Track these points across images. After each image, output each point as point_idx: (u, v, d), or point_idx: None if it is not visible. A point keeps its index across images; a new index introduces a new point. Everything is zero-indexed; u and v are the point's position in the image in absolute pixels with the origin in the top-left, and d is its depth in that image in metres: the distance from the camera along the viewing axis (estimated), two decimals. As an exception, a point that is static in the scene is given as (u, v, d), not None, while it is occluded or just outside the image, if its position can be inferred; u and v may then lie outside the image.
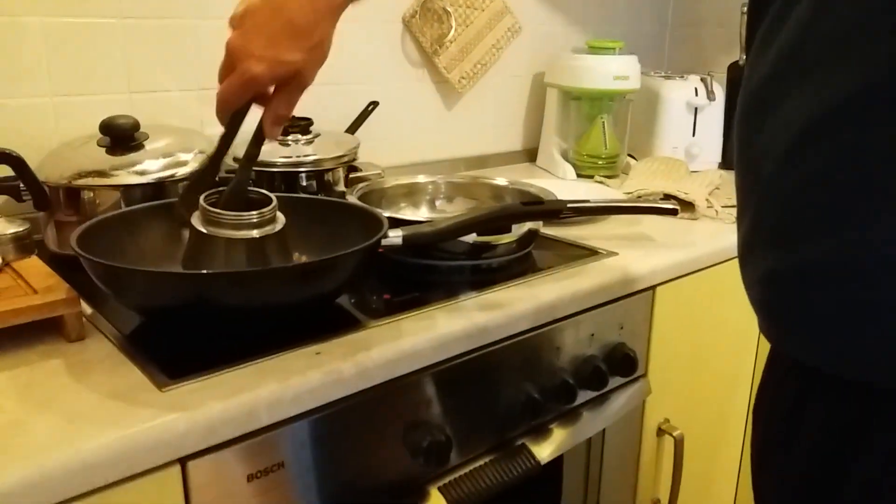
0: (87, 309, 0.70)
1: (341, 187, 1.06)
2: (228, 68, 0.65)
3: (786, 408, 0.57)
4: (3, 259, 0.71)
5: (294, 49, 0.63)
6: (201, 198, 0.68)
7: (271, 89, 0.66)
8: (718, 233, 1.05)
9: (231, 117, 0.68)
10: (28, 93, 0.94)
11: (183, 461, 0.54)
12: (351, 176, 1.08)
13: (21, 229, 0.77)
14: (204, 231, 0.67)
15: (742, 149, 0.56)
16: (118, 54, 1.01)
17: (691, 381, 1.06)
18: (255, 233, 0.67)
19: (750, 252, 0.56)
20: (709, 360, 1.08)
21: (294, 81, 0.65)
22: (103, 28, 0.99)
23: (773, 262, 0.53)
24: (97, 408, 0.54)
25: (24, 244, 0.77)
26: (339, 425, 0.64)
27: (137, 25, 1.01)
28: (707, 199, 1.14)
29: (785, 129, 0.50)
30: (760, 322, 0.57)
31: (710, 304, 1.04)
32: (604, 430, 0.91)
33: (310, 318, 0.69)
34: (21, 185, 0.83)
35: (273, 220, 0.69)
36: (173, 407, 0.54)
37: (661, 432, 1.01)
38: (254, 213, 0.67)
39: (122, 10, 1.00)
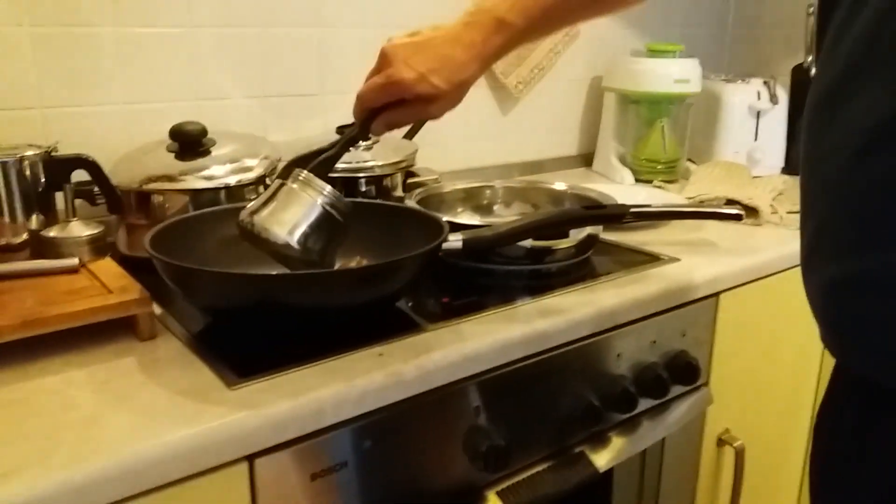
0: (156, 309, 0.72)
1: (399, 192, 1.07)
2: (377, 71, 0.71)
3: (851, 426, 0.55)
4: (80, 260, 0.74)
5: (443, 77, 0.69)
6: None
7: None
8: (783, 239, 1.02)
9: (364, 119, 0.72)
10: (101, 100, 0.98)
11: (251, 458, 0.55)
12: (409, 181, 1.09)
13: (96, 231, 0.80)
14: (286, 183, 0.69)
15: (808, 151, 0.54)
16: (186, 62, 1.04)
17: (754, 392, 1.03)
18: (319, 200, 0.69)
19: (813, 259, 0.54)
20: (772, 370, 1.05)
21: (425, 105, 0.70)
22: (172, 37, 1.02)
23: (838, 271, 0.51)
24: (169, 405, 0.56)
25: (99, 246, 0.80)
26: (400, 427, 0.64)
27: (204, 34, 1.04)
28: (771, 205, 1.11)
29: (854, 130, 0.48)
30: (822, 334, 0.55)
31: (774, 312, 1.01)
32: (663, 439, 0.89)
33: (372, 320, 0.70)
34: (95, 189, 0.86)
35: (338, 205, 0.70)
36: (242, 405, 0.55)
37: (721, 443, 0.98)
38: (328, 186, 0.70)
39: (190, 20, 1.03)
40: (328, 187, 0.70)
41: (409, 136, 1.21)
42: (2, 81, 0.91)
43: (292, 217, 0.68)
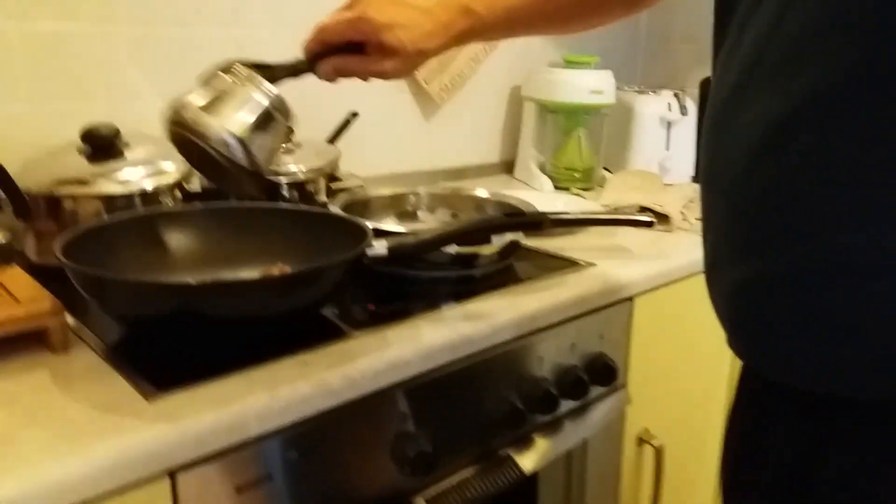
0: (70, 320, 0.69)
1: (323, 198, 1.06)
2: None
3: (752, 425, 0.58)
4: (-17, 269, 0.70)
5: (409, 36, 0.70)
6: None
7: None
8: (693, 244, 1.07)
9: (316, 53, 0.71)
10: (6, 99, 0.93)
11: (172, 473, 0.54)
12: (332, 186, 1.09)
13: (3, 239, 0.76)
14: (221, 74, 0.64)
15: (706, 162, 0.57)
16: (98, 61, 1.00)
17: (670, 391, 1.08)
18: (265, 100, 0.64)
19: (715, 265, 0.56)
20: (687, 370, 1.10)
21: (381, 59, 0.71)
22: (85, 35, 0.98)
23: (738, 274, 0.53)
24: (85, 420, 0.54)
25: (4, 253, 0.76)
26: (326, 436, 0.64)
27: (118, 32, 1.01)
28: (681, 212, 1.16)
29: (746, 137, 0.50)
30: (728, 337, 0.58)
31: (687, 314, 1.06)
32: (585, 440, 0.93)
33: (295, 328, 0.70)
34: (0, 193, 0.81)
35: (282, 108, 0.66)
36: (162, 418, 0.54)
37: (641, 442, 1.02)
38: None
39: (102, 16, 0.99)
40: (272, 87, 0.63)
41: (333, 140, 1.21)
42: None
43: (232, 113, 0.60)
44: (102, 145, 0.87)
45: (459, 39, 0.75)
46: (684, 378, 1.10)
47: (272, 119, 0.62)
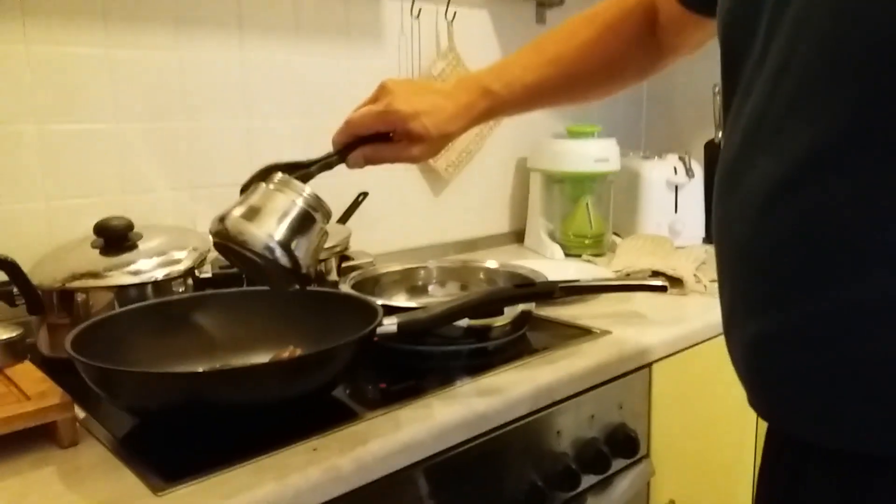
0: (80, 413, 0.69)
1: (334, 277, 1.07)
2: (373, 100, 0.75)
3: (783, 486, 0.56)
4: (-5, 365, 0.71)
5: (433, 123, 0.73)
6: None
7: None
8: (708, 307, 1.06)
9: (346, 145, 0.74)
10: (22, 198, 0.96)
11: (180, 570, 0.52)
12: (343, 265, 1.09)
13: (14, 335, 0.76)
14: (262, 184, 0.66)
15: (718, 219, 0.57)
16: (111, 157, 1.03)
17: (696, 460, 1.04)
18: (299, 201, 0.66)
19: (733, 322, 0.56)
20: (711, 436, 1.06)
21: (409, 146, 0.74)
22: (97, 133, 1.01)
23: (756, 330, 0.53)
24: (91, 517, 0.53)
25: (17, 350, 0.76)
26: (339, 523, 0.62)
27: (130, 128, 1.04)
28: (695, 275, 1.15)
29: (754, 195, 0.51)
30: (749, 396, 0.57)
31: (708, 378, 1.03)
32: (610, 514, 0.89)
33: (306, 412, 0.68)
34: (14, 289, 0.83)
35: (319, 207, 0.68)
36: (170, 512, 0.53)
37: (668, 514, 0.98)
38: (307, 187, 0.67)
39: (114, 115, 1.03)
40: (307, 188, 0.66)
41: (343, 220, 1.22)
42: (-86, 182, 0.88)
43: (273, 220, 0.62)
44: (115, 238, 0.88)
45: (480, 119, 0.78)
46: (709, 445, 1.06)
47: (311, 219, 0.66)
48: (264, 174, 0.68)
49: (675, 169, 1.49)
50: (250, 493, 0.56)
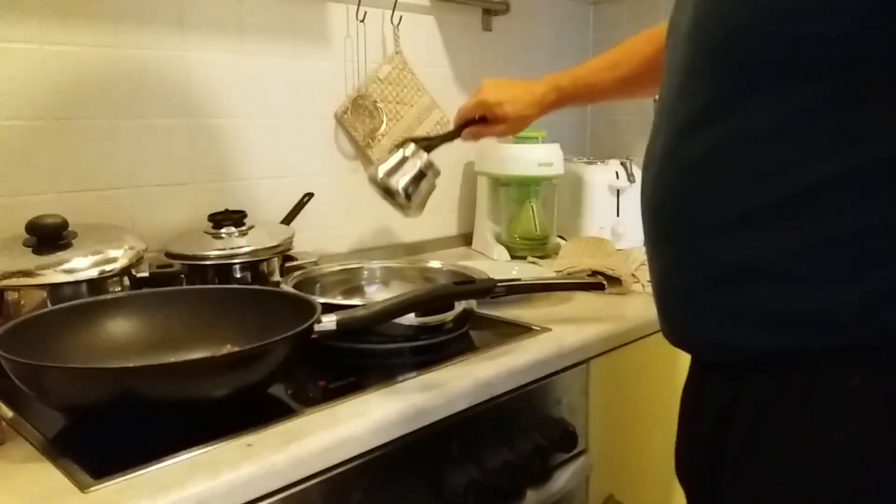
0: (8, 413, 0.67)
1: (277, 277, 1.06)
2: (475, 95, 1.09)
3: (692, 401, 0.73)
4: (-83, 366, 0.68)
5: (512, 109, 1.06)
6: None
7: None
8: (646, 306, 1.08)
9: (458, 126, 1.12)
10: (-50, 196, 0.93)
11: (106, 567, 0.52)
12: (286, 265, 1.09)
13: (-63, 334, 0.74)
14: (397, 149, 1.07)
15: (642, 190, 0.72)
16: (44, 154, 1.01)
17: (633, 454, 1.07)
18: (419, 165, 1.06)
19: (651, 271, 0.72)
20: (649, 430, 1.09)
21: (500, 125, 1.09)
22: (30, 130, 0.99)
23: (657, 266, 0.69)
24: (14, 515, 0.51)
25: (-59, 349, 0.74)
26: (274, 519, 0.62)
27: (66, 127, 1.02)
28: (633, 275, 1.18)
29: (654, 161, 0.68)
30: (661, 325, 0.71)
31: (644, 374, 1.06)
32: (549, 508, 0.90)
33: (242, 409, 0.68)
34: (-61, 288, 0.80)
35: (430, 169, 1.08)
36: (96, 509, 0.52)
37: (606, 507, 1.00)
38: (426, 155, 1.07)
39: (51, 112, 1.01)
40: (426, 156, 1.06)
41: (288, 220, 1.22)
42: None
43: (402, 175, 1.05)
44: (48, 236, 0.86)
45: (551, 106, 1.08)
46: (647, 439, 1.09)
47: (425, 175, 1.06)
48: (404, 142, 1.07)
49: (616, 174, 1.53)
50: (181, 489, 0.55)
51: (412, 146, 1.05)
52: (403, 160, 1.04)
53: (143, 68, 1.09)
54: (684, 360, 0.80)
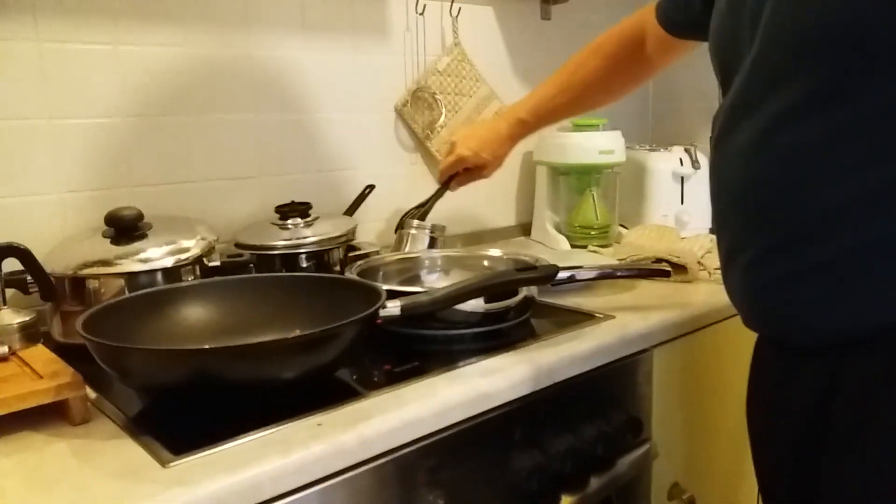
0: (91, 394, 0.71)
1: (340, 267, 1.09)
2: (448, 153, 1.18)
3: (774, 384, 0.74)
4: (10, 348, 0.73)
5: (488, 152, 1.15)
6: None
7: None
8: (713, 293, 1.06)
9: (445, 182, 1.20)
10: (35, 190, 0.98)
11: (186, 537, 0.54)
12: (349, 255, 1.11)
13: (27, 319, 0.78)
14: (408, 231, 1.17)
15: (714, 178, 0.73)
16: (121, 150, 1.05)
17: (699, 442, 1.05)
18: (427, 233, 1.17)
19: (730, 260, 0.71)
20: (714, 419, 1.07)
21: (480, 170, 1.18)
22: (102, 127, 1.04)
23: (740, 260, 0.69)
24: (102, 488, 0.54)
25: (31, 333, 0.79)
26: (343, 497, 0.63)
27: (138, 124, 1.07)
28: (699, 262, 1.16)
29: (740, 146, 0.68)
30: (745, 317, 0.73)
31: (711, 363, 1.04)
32: (611, 496, 0.90)
33: (311, 391, 0.70)
34: (27, 277, 0.85)
35: (437, 233, 1.19)
36: (177, 482, 0.54)
37: (671, 496, 0.99)
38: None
39: (124, 109, 1.05)
40: (428, 223, 1.18)
41: (350, 212, 1.24)
42: (-68, 175, 0.90)
43: (420, 246, 1.16)
44: (125, 227, 0.91)
45: (518, 138, 1.16)
46: (713, 428, 1.07)
47: (437, 239, 1.18)
48: (402, 222, 1.20)
49: (680, 160, 1.50)
50: (256, 466, 0.57)
51: (413, 223, 1.17)
52: (413, 238, 1.16)
53: (211, 66, 1.12)
54: (749, 348, 0.79)
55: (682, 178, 1.50)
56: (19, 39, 0.95)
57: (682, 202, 1.50)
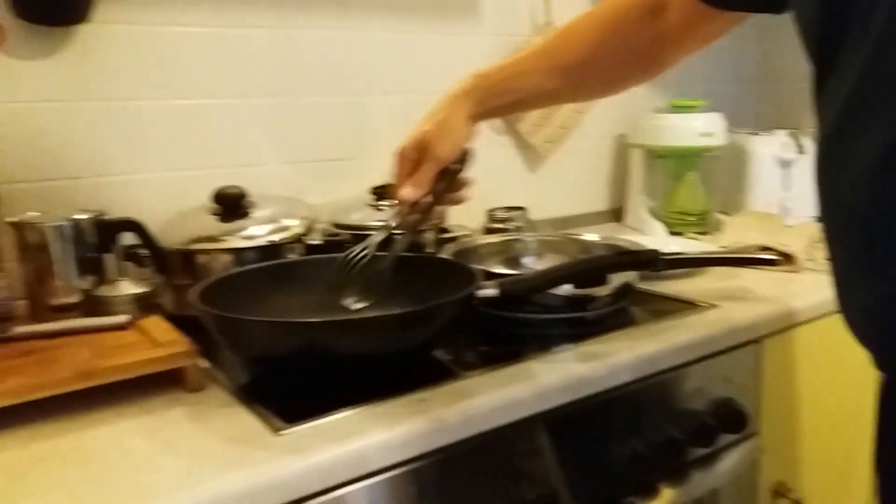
0: (203, 364, 0.74)
1: (432, 249, 1.09)
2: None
3: None
4: (129, 317, 0.76)
5: (425, 123, 0.80)
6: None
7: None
8: (822, 285, 1.00)
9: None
10: (146, 168, 1.03)
11: (298, 503, 0.55)
12: (441, 237, 1.11)
13: (144, 290, 0.82)
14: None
15: (824, 190, 0.57)
16: (224, 131, 1.09)
17: (809, 440, 1.00)
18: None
19: (847, 289, 0.57)
20: (825, 417, 1.02)
21: (426, 153, 0.78)
22: (211, 108, 1.07)
23: (871, 293, 0.53)
24: (218, 451, 0.56)
25: (147, 304, 0.83)
26: (444, 473, 0.63)
27: (242, 104, 1.10)
28: (807, 251, 1.10)
29: (868, 160, 0.51)
30: (876, 358, 0.57)
31: (824, 356, 0.99)
32: (714, 490, 0.87)
33: (409, 369, 0.71)
34: (142, 251, 0.89)
35: None
36: (289, 450, 0.56)
37: (777, 495, 0.95)
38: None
39: (229, 92, 1.08)
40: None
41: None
42: (57, 153, 0.96)
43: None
44: (231, 205, 0.93)
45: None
46: (825, 425, 1.02)
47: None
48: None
49: (784, 145, 1.43)
50: (363, 437, 0.58)
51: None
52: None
53: (308, 48, 1.14)
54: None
55: (787, 164, 1.42)
56: (131, 23, 1.00)
57: (786, 189, 1.43)
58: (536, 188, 1.44)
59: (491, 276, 0.81)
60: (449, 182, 0.80)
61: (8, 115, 0.93)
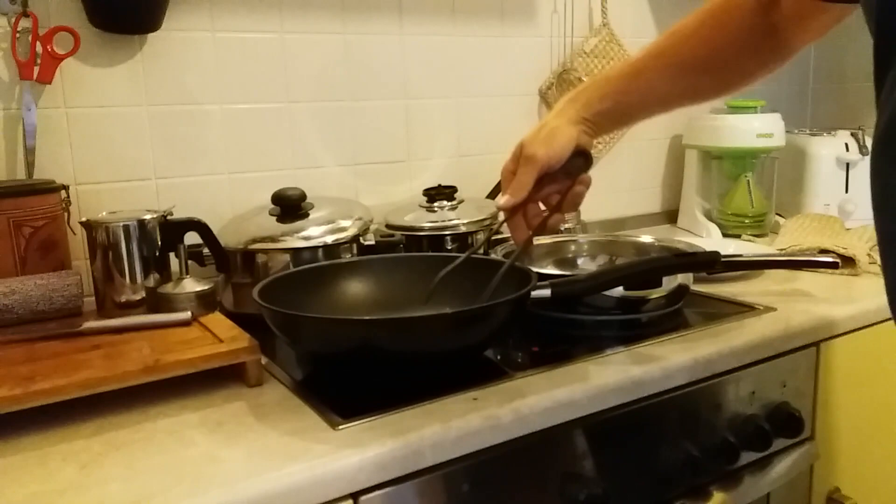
0: (263, 359, 0.76)
1: (483, 250, 1.10)
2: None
3: None
4: (192, 314, 0.79)
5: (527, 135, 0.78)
6: None
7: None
8: (883, 289, 0.98)
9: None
10: (209, 171, 1.06)
11: (355, 496, 0.57)
12: (493, 238, 1.12)
13: (206, 288, 0.86)
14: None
15: (881, 190, 0.53)
16: (283, 135, 1.12)
17: (866, 447, 0.97)
18: None
19: None
20: (884, 423, 0.99)
21: (523, 157, 0.76)
22: (271, 112, 1.10)
23: None
24: (279, 444, 0.58)
25: (209, 301, 0.86)
26: (496, 471, 0.64)
27: (300, 109, 1.13)
28: (868, 254, 1.07)
29: None
30: None
31: (883, 362, 0.96)
32: (767, 495, 0.85)
33: (462, 368, 0.72)
34: (204, 250, 0.92)
35: None
36: (347, 444, 0.57)
37: (831, 502, 0.92)
38: None
39: (287, 96, 1.11)
40: None
41: (493, 195, 1.25)
42: (124, 156, 1.00)
43: None
44: (290, 207, 0.96)
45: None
46: (881, 431, 0.99)
47: None
48: None
49: (846, 145, 1.39)
50: (418, 433, 0.59)
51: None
52: None
53: (366, 53, 1.17)
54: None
55: (848, 165, 1.39)
56: (197, 30, 1.03)
57: (846, 190, 1.39)
58: (590, 189, 1.43)
59: (543, 277, 0.82)
60: (560, 189, 0.79)
61: (80, 120, 0.97)
